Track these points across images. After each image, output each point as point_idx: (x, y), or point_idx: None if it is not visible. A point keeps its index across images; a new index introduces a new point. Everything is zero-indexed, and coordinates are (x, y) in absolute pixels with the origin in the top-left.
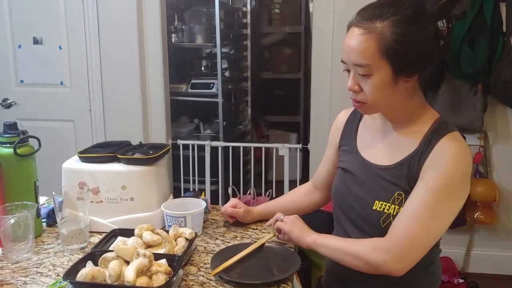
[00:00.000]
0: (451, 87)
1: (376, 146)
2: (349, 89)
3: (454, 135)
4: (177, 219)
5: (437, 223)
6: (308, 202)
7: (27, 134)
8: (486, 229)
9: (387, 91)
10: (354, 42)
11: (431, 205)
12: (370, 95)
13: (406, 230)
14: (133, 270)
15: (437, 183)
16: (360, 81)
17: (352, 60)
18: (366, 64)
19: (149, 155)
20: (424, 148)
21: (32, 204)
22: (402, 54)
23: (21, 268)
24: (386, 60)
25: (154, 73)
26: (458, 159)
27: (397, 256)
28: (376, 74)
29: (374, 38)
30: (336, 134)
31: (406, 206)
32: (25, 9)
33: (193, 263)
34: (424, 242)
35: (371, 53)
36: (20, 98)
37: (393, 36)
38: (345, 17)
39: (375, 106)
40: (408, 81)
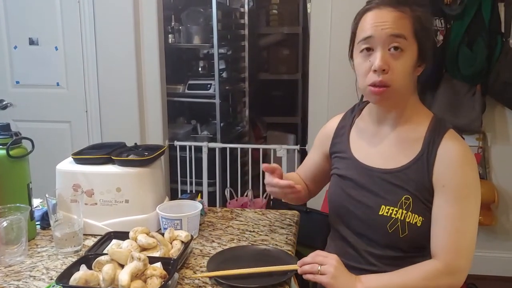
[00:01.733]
0: (450, 88)
1: (374, 149)
2: (379, 68)
3: (452, 133)
4: (173, 221)
5: (474, 225)
6: (304, 186)
7: (20, 136)
8: (485, 230)
9: (408, 77)
10: (390, 15)
11: (463, 213)
12: (397, 76)
13: (458, 249)
14: (127, 274)
15: (462, 190)
16: (389, 61)
17: (388, 31)
18: (404, 36)
19: (144, 156)
20: (429, 148)
21: (25, 207)
22: (428, 39)
23: (14, 272)
24: (416, 41)
25: (150, 73)
26: (468, 159)
27: (458, 273)
28: (407, 52)
29: (409, 17)
30: (325, 141)
31: (443, 220)
32: (21, 10)
33: (189, 266)
34: (471, 248)
35: (407, 28)
36: (16, 99)
37: (424, 21)
38: (343, 18)
39: (396, 91)
40: (419, 71)
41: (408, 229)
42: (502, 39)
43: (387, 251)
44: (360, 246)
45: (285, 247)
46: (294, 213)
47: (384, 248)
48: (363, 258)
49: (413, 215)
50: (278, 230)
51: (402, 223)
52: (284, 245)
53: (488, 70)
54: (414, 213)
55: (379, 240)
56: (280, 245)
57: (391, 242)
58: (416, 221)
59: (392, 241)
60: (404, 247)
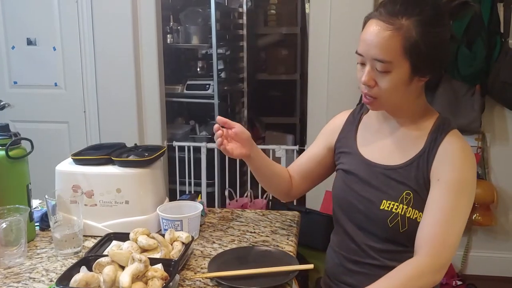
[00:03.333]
0: (449, 88)
1: (379, 146)
2: (363, 83)
3: (456, 132)
4: (173, 222)
5: (463, 221)
6: (288, 179)
7: (20, 136)
8: (484, 230)
9: (401, 89)
10: (377, 37)
11: (455, 207)
12: (384, 91)
13: (443, 240)
14: (128, 276)
15: (456, 184)
16: (376, 77)
17: (372, 54)
18: (388, 61)
19: (144, 157)
20: (431, 146)
21: (24, 208)
22: (424, 54)
23: (13, 274)
24: (407, 59)
25: (149, 74)
26: (468, 157)
27: (442, 267)
28: (394, 71)
29: (399, 35)
30: (331, 135)
31: (433, 212)
32: (18, 10)
33: (189, 267)
34: (456, 243)
35: (394, 51)
36: (14, 100)
37: (419, 36)
38: (341, 18)
39: (386, 103)
40: (421, 82)
41: (408, 224)
42: (501, 39)
43: (387, 245)
44: (361, 239)
45: (286, 248)
46: (294, 214)
47: (384, 242)
48: (364, 252)
49: (414, 211)
50: (279, 231)
51: (402, 218)
52: (286, 246)
53: (487, 70)
54: (414, 209)
55: (380, 234)
56: (281, 246)
57: (391, 236)
58: (416, 216)
59: (392, 235)
60: (404, 242)
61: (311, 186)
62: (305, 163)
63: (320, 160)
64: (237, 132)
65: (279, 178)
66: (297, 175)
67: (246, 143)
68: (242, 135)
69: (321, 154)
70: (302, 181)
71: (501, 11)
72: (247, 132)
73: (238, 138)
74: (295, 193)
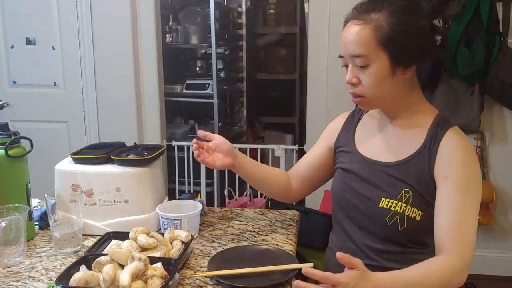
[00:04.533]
0: (448, 88)
1: (377, 144)
2: (347, 83)
3: (457, 129)
4: (173, 221)
5: (475, 217)
6: (286, 182)
7: (19, 135)
8: (484, 230)
9: (386, 83)
10: (351, 34)
11: (467, 204)
12: (368, 87)
13: (464, 240)
14: (128, 274)
15: (464, 180)
16: (358, 74)
17: (349, 51)
18: (364, 54)
19: (143, 156)
20: (431, 142)
21: (24, 207)
22: (399, 43)
23: (13, 273)
24: (383, 50)
25: (148, 73)
26: (470, 152)
27: (468, 266)
28: (374, 64)
29: (370, 28)
30: (331, 135)
31: (447, 211)
32: (18, 9)
33: (189, 266)
34: (474, 240)
35: (368, 43)
36: (13, 99)
37: (389, 26)
38: (341, 18)
39: (374, 100)
40: (406, 73)
41: (406, 223)
42: (500, 39)
43: (386, 245)
44: (360, 239)
45: (286, 247)
46: (294, 213)
47: (383, 241)
48: (363, 252)
49: (413, 209)
50: (279, 230)
51: (401, 216)
52: (285, 245)
53: (486, 70)
54: (413, 207)
55: (379, 233)
56: (280, 245)
57: (390, 235)
58: (415, 215)
59: (391, 234)
60: (403, 241)
61: (311, 190)
62: (305, 166)
63: (321, 162)
64: (217, 143)
65: (272, 182)
66: (297, 178)
67: (229, 154)
68: (223, 146)
69: (322, 156)
70: (302, 184)
71: (500, 10)
72: (229, 143)
73: (219, 150)
74: (294, 196)
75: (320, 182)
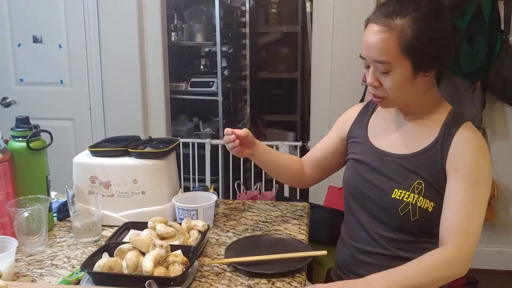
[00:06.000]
0: (450, 85)
1: (391, 136)
2: (369, 85)
3: (470, 124)
4: (189, 212)
5: (482, 211)
6: (299, 169)
7: (39, 128)
8: (485, 225)
9: (406, 86)
10: (374, 39)
11: (475, 198)
12: (390, 91)
13: (468, 232)
14: (150, 260)
15: (473, 175)
16: (380, 77)
17: (372, 57)
18: (387, 61)
19: (159, 149)
20: (444, 137)
21: (45, 198)
22: (422, 51)
23: (36, 261)
24: (406, 57)
25: (154, 71)
26: (483, 148)
27: (469, 258)
28: (396, 70)
29: (394, 35)
30: (344, 125)
31: (454, 204)
32: (25, 8)
33: (206, 254)
34: (479, 235)
35: (392, 51)
36: (20, 97)
37: (413, 33)
38: (344, 15)
39: (395, 101)
40: (427, 76)
41: (419, 213)
42: (502, 37)
43: (398, 234)
44: (372, 228)
45: (299, 236)
46: (304, 205)
47: (395, 231)
48: (375, 241)
49: (425, 200)
50: (291, 221)
51: (413, 207)
52: (298, 235)
53: (488, 67)
54: (425, 198)
55: (391, 222)
56: (293, 235)
57: (402, 225)
58: (427, 206)
59: (403, 224)
60: (415, 231)
61: (324, 176)
62: (318, 154)
63: (333, 150)
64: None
65: (287, 170)
66: (310, 165)
67: (250, 144)
68: (248, 138)
69: (334, 144)
70: (314, 171)
71: (501, 8)
72: (251, 134)
73: (244, 141)
74: (308, 182)
75: (333, 169)
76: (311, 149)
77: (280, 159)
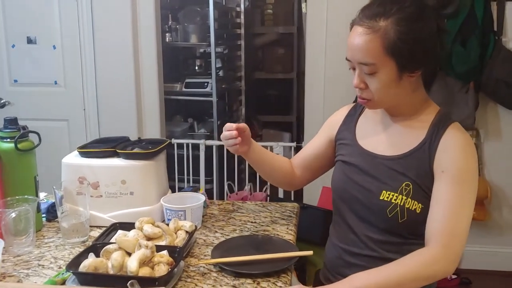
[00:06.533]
0: (444, 85)
1: (378, 137)
2: (355, 87)
3: (457, 125)
4: (177, 212)
5: (470, 211)
6: (290, 170)
7: (28, 129)
8: (479, 225)
9: (392, 87)
10: (358, 41)
11: (462, 198)
12: (376, 92)
13: (453, 231)
14: (136, 261)
15: (461, 175)
16: (365, 79)
17: (357, 59)
18: (372, 63)
19: (148, 149)
20: (432, 137)
21: (33, 198)
22: (407, 51)
23: (23, 261)
24: (391, 58)
25: (148, 72)
26: (470, 148)
27: (453, 258)
28: (381, 71)
29: (378, 37)
30: (332, 127)
31: (440, 204)
32: (19, 9)
33: (193, 255)
34: (466, 233)
35: (376, 52)
36: (14, 98)
37: (397, 34)
38: (338, 17)
39: (381, 102)
40: (413, 76)
41: (407, 215)
42: (495, 37)
43: (386, 236)
44: (360, 230)
45: (286, 237)
46: (294, 205)
47: (383, 232)
48: (363, 243)
49: (413, 202)
50: (279, 221)
51: (402, 209)
52: (285, 235)
53: (481, 68)
54: (413, 200)
55: (379, 224)
56: (281, 235)
57: (390, 227)
58: (415, 207)
59: (391, 226)
60: (403, 233)
61: (313, 177)
62: (307, 155)
63: (322, 152)
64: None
65: (278, 171)
66: (299, 166)
67: (247, 141)
68: (246, 132)
69: (323, 146)
70: (304, 172)
71: (494, 9)
72: (248, 130)
73: (242, 135)
74: (297, 183)
75: (322, 170)
76: (301, 151)
77: (273, 159)
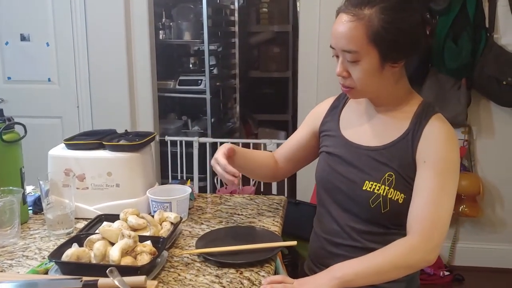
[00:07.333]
0: (436, 82)
1: (362, 128)
2: (337, 75)
3: (440, 116)
4: (162, 204)
5: (451, 201)
6: (273, 164)
7: (13, 121)
8: (471, 222)
9: (375, 76)
10: (342, 28)
11: (443, 188)
12: (358, 81)
13: (433, 220)
14: (118, 250)
15: (442, 165)
16: (348, 67)
17: (340, 46)
18: (355, 51)
19: (134, 141)
20: (415, 128)
21: (18, 190)
22: (390, 40)
23: (7, 252)
24: (374, 47)
25: (141, 69)
26: (452, 139)
27: (433, 248)
28: (363, 60)
29: (362, 25)
30: (316, 119)
31: (421, 193)
32: (12, 6)
33: (178, 246)
34: (446, 222)
35: (360, 40)
36: (8, 95)
37: (381, 23)
38: (331, 16)
39: (363, 91)
40: (395, 67)
41: (389, 205)
42: (486, 34)
43: (369, 226)
44: (344, 221)
45: (272, 228)
46: (281, 198)
47: (366, 223)
48: (346, 233)
49: (395, 192)
50: (266, 213)
51: (384, 199)
52: (271, 227)
53: (473, 64)
54: (396, 190)
55: (362, 215)
56: (267, 227)
57: (372, 217)
58: (398, 197)
59: (373, 216)
60: (386, 223)
61: (296, 169)
62: (290, 147)
63: (305, 144)
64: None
65: (260, 168)
66: (282, 158)
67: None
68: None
69: (306, 138)
70: (287, 164)
71: (486, 6)
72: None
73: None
74: (280, 175)
75: (305, 162)
76: (284, 142)
77: (256, 158)
